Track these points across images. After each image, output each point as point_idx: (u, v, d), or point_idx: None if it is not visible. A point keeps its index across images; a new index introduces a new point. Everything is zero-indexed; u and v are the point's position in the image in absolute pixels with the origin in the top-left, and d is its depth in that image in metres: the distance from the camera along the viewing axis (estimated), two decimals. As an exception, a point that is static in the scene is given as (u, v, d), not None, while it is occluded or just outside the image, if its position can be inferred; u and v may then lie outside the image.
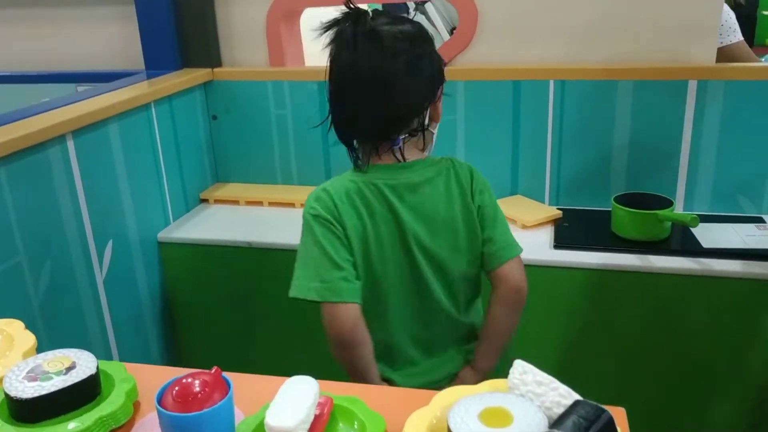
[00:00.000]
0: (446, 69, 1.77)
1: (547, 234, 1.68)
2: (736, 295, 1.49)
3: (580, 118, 1.78)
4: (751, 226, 1.64)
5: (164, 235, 1.79)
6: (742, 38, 2.20)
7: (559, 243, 1.62)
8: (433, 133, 1.16)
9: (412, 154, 1.13)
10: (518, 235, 1.64)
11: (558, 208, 1.79)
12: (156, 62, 1.97)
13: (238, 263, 1.76)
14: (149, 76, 1.92)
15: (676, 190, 1.77)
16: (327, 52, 1.10)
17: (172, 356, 1.88)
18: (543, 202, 1.86)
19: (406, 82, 1.04)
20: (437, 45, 2.65)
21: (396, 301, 1.16)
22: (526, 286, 1.18)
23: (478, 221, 1.16)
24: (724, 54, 2.16)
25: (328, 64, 1.08)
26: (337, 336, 1.10)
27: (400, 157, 1.11)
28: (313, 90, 1.91)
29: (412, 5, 3.12)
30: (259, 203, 1.96)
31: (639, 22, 1.71)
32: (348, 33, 1.04)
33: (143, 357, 1.75)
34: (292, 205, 1.92)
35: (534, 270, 1.57)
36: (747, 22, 7.52)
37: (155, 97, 1.75)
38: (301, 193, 1.94)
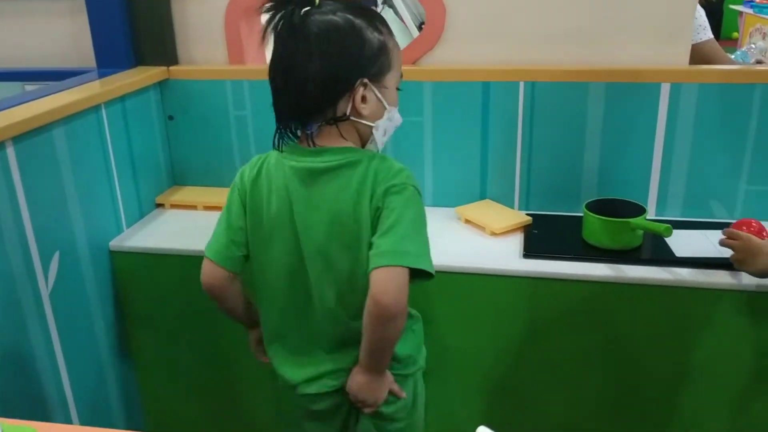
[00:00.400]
0: (413, 69, 1.74)
1: (517, 242, 1.63)
2: (709, 305, 1.45)
3: (551, 120, 1.72)
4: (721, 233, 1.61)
5: (117, 243, 1.70)
6: (712, 36, 2.18)
7: (529, 252, 1.56)
8: (368, 126, 1.12)
9: (330, 142, 1.12)
10: (487, 242, 1.63)
11: (528, 214, 1.74)
12: (108, 60, 1.87)
13: (195, 274, 1.67)
14: (101, 75, 1.82)
15: (648, 195, 1.74)
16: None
17: (130, 378, 1.79)
18: (512, 206, 1.81)
19: (313, 72, 1.06)
20: (405, 41, 2.57)
21: (272, 280, 1.19)
22: (392, 303, 1.05)
23: (371, 222, 1.09)
24: (695, 52, 2.14)
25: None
26: (203, 287, 1.24)
27: (309, 143, 1.12)
28: (274, 90, 1.83)
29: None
30: (218, 208, 1.85)
31: (612, 23, 1.66)
32: (277, 19, 1.07)
33: (96, 379, 1.67)
34: (253, 210, 1.84)
35: (503, 280, 1.54)
36: (713, 16, 7.61)
37: (106, 98, 1.65)
38: (263, 198, 1.87)
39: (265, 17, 1.09)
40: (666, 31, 1.65)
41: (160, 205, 1.90)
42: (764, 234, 1.45)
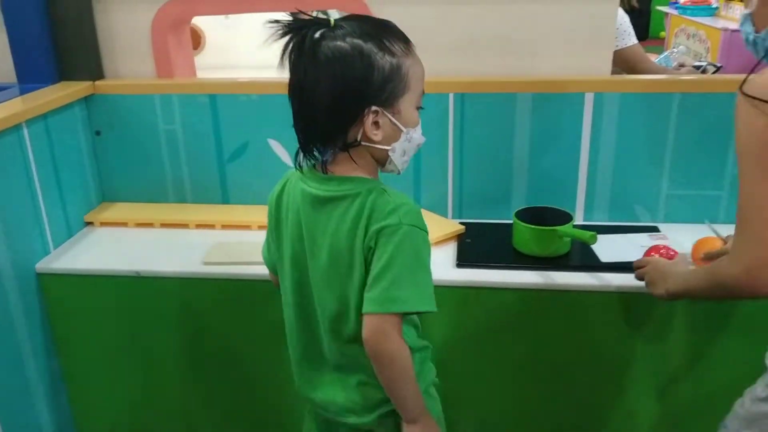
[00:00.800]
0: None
1: (450, 251, 1.65)
2: (634, 308, 1.50)
3: (480, 130, 1.76)
4: (645, 236, 1.67)
5: (43, 265, 1.65)
6: (636, 41, 2.26)
7: (462, 261, 1.59)
8: (384, 149, 1.10)
9: (341, 169, 1.11)
10: (421, 253, 1.65)
11: (461, 223, 1.77)
12: (30, 75, 1.81)
13: (128, 294, 1.64)
14: (23, 91, 1.76)
15: (575, 201, 1.79)
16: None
17: (63, 406, 1.74)
18: (446, 216, 1.83)
19: (321, 101, 1.05)
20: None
21: (286, 295, 1.22)
22: (380, 349, 1.05)
23: (363, 259, 1.08)
24: (620, 57, 2.22)
25: None
26: None
27: (322, 168, 1.12)
28: (205, 103, 1.81)
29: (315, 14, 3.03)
30: (150, 224, 1.83)
31: (537, 34, 1.70)
32: (293, 43, 1.06)
33: (27, 410, 1.62)
34: (185, 226, 1.82)
35: (438, 291, 1.55)
36: (641, 16, 7.87)
37: (27, 117, 1.60)
38: (196, 213, 1.85)
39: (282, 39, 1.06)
40: (588, 43, 1.70)
41: (89, 224, 1.85)
42: (672, 256, 1.43)
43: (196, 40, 6.24)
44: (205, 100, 1.80)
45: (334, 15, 1.14)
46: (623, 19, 2.25)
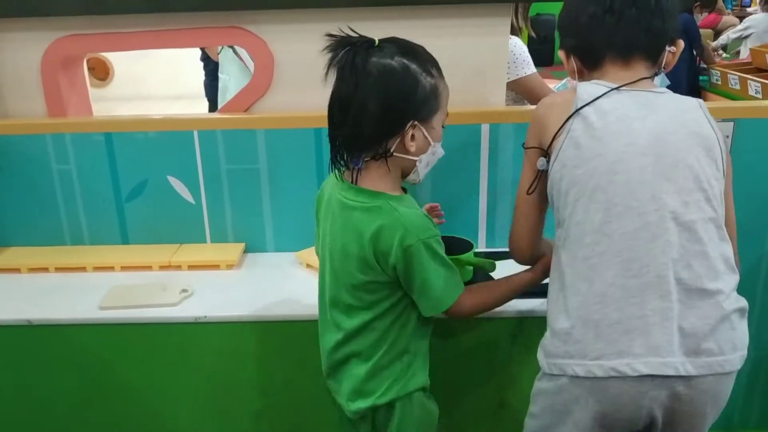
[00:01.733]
0: (245, 117, 1.74)
1: (356, 284, 1.66)
2: (532, 331, 1.54)
3: (382, 163, 1.77)
4: None
5: (-76, 318, 1.55)
6: (534, 70, 2.35)
7: (368, 294, 1.60)
8: (412, 160, 1.24)
9: (369, 180, 1.24)
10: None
11: (368, 254, 1.78)
12: None
13: (15, 346, 1.56)
14: None
15: (478, 229, 1.83)
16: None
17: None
18: (353, 247, 1.84)
19: (370, 112, 1.17)
20: (245, 80, 2.56)
21: (323, 283, 1.36)
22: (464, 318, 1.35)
23: (374, 266, 1.22)
24: (520, 85, 2.30)
25: None
26: None
27: (353, 176, 1.24)
28: (100, 141, 1.76)
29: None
30: (44, 270, 1.76)
31: (433, 67, 1.75)
32: (340, 58, 1.18)
33: None
34: (83, 269, 1.75)
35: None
36: (546, 43, 8.20)
37: None
38: (94, 255, 1.79)
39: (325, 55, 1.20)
40: (482, 75, 1.75)
41: (-22, 270, 1.76)
42: None
43: (105, 71, 6.10)
44: (100, 138, 1.75)
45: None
46: (522, 49, 2.33)
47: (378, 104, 1.16)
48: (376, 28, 1.69)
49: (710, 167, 1.18)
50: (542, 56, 7.69)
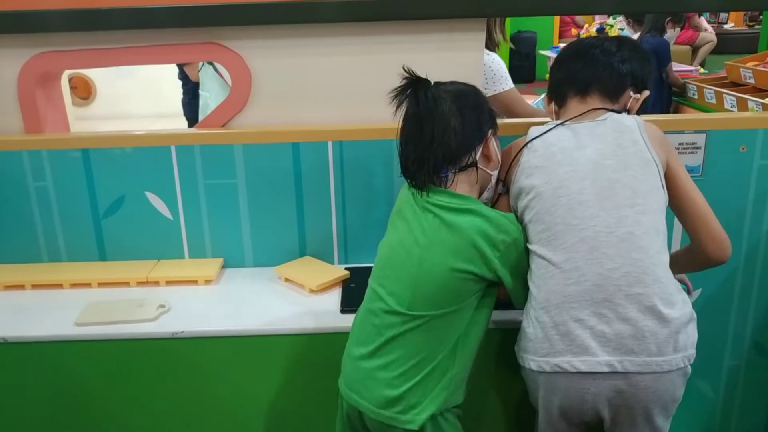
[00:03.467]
0: (223, 132, 1.75)
1: (335, 297, 1.66)
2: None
3: (360, 176, 1.79)
4: None
5: None
6: (512, 86, 2.37)
7: (346, 307, 1.60)
8: (489, 174, 1.40)
9: (461, 188, 1.36)
10: (307, 300, 1.65)
11: (346, 267, 1.79)
12: None
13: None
14: None
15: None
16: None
17: None
18: (332, 261, 1.84)
19: (454, 126, 1.32)
20: (222, 94, 2.57)
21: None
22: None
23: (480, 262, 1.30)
24: (498, 101, 2.33)
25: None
26: None
27: (446, 184, 1.35)
28: (77, 158, 1.75)
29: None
30: (21, 287, 1.74)
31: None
32: (411, 92, 1.35)
33: None
34: (59, 286, 1.74)
35: (322, 337, 1.56)
36: (527, 60, 8.32)
37: None
38: (71, 272, 1.78)
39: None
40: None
41: (-48, 289, 1.74)
42: None
43: (87, 90, 6.09)
44: (77, 154, 1.75)
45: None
46: (499, 64, 2.36)
47: (461, 118, 1.33)
48: (352, 43, 1.73)
49: (647, 182, 1.31)
50: (523, 72, 7.86)
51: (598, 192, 1.30)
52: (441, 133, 1.31)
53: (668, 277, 1.28)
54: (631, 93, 1.45)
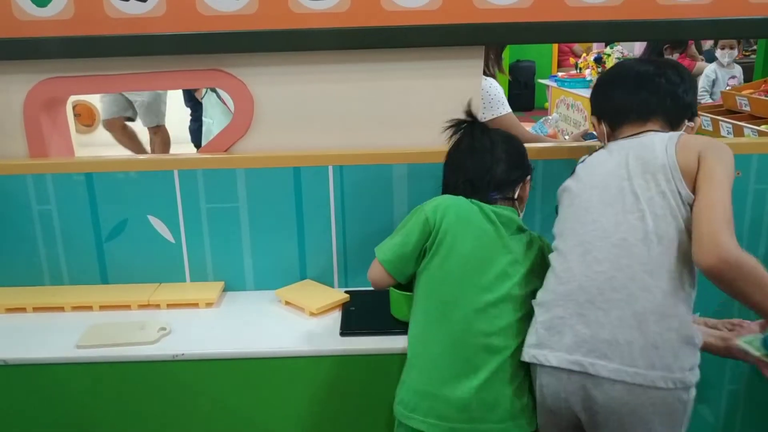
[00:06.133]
0: (226, 156, 1.77)
1: (335, 320, 1.67)
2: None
3: (360, 200, 1.81)
4: None
5: None
6: (510, 110, 2.40)
7: (346, 330, 1.61)
8: (519, 208, 1.55)
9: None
10: (307, 324, 1.66)
11: (346, 291, 1.80)
12: None
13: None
14: None
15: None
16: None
17: None
18: (332, 285, 1.86)
19: (502, 162, 1.51)
20: (224, 121, 2.60)
21: None
22: None
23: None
24: (496, 125, 2.34)
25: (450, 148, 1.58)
26: None
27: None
28: (81, 181, 1.78)
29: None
30: (22, 310, 1.75)
31: (409, 109, 1.80)
32: (468, 129, 1.57)
33: None
34: (61, 309, 1.75)
35: (322, 360, 1.56)
36: (526, 88, 8.38)
37: None
38: (72, 295, 1.79)
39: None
40: (455, 115, 1.79)
41: (-46, 312, 1.75)
42: None
43: (91, 117, 6.16)
44: (81, 178, 1.77)
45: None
46: (497, 89, 2.39)
47: (508, 158, 1.52)
48: (353, 70, 1.77)
49: (656, 188, 1.31)
50: (522, 101, 7.92)
51: (605, 199, 1.35)
52: (493, 166, 1.49)
53: (663, 288, 1.24)
54: (686, 121, 1.48)
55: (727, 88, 4.69)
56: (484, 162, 1.50)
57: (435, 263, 1.43)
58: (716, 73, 4.79)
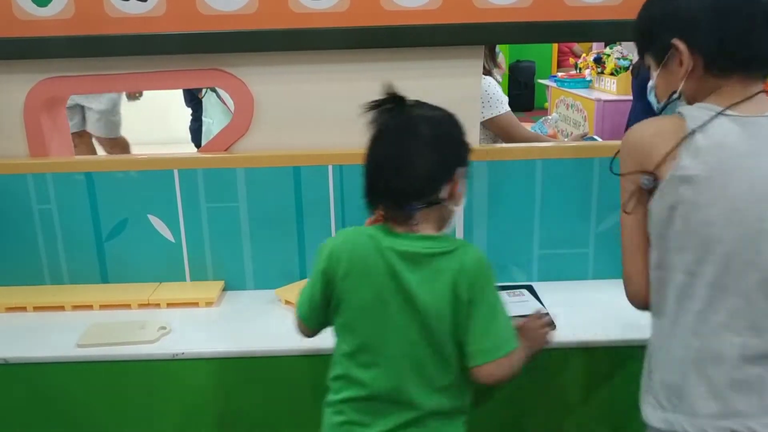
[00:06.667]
0: (226, 156, 1.77)
1: (335, 319, 1.67)
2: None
3: (360, 200, 1.78)
4: (503, 293, 1.72)
5: None
6: (508, 109, 2.41)
7: (345, 329, 1.61)
8: (451, 211, 1.22)
9: (426, 228, 1.20)
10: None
11: (346, 290, 1.80)
12: None
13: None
14: None
15: (455, 264, 1.85)
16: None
17: None
18: (332, 284, 1.86)
19: (425, 161, 1.16)
20: (224, 121, 2.60)
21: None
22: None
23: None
24: (494, 124, 2.37)
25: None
26: None
27: (406, 227, 1.19)
28: (81, 181, 1.78)
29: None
30: (22, 309, 1.75)
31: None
32: (384, 113, 1.19)
33: None
34: (61, 308, 1.75)
35: (322, 359, 1.54)
36: (526, 89, 8.38)
37: None
38: (73, 294, 1.79)
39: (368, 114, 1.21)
40: (458, 115, 1.80)
41: (-46, 311, 1.75)
42: None
43: (90, 117, 6.13)
44: (81, 177, 1.78)
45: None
46: (496, 88, 2.40)
47: (433, 153, 1.17)
48: (353, 69, 1.77)
49: None
50: (522, 101, 7.92)
51: None
52: (413, 162, 1.16)
53: None
54: None
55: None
56: (402, 158, 1.16)
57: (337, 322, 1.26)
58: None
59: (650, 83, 1.23)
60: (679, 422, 1.08)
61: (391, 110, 1.20)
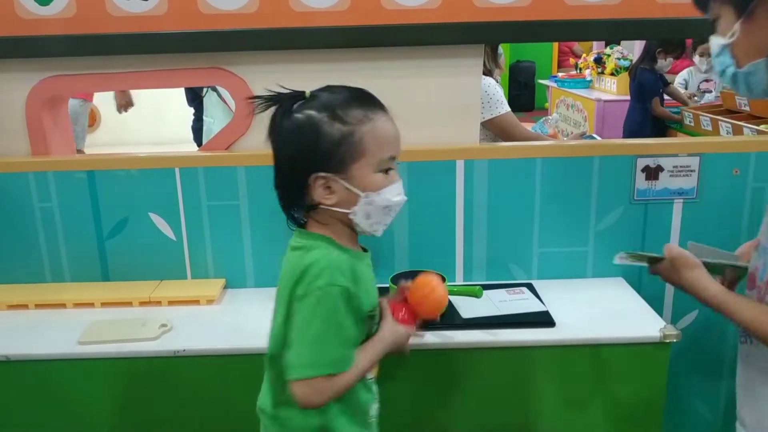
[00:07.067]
0: (226, 154, 1.78)
1: (335, 317, 1.67)
2: (484, 364, 1.57)
3: (360, 198, 1.81)
4: (503, 291, 1.76)
5: None
6: (509, 109, 2.42)
7: (346, 326, 1.61)
8: (345, 212, 1.16)
9: (311, 226, 1.21)
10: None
11: (346, 288, 1.80)
12: None
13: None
14: None
15: (455, 262, 1.86)
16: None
17: None
18: (332, 282, 1.86)
19: (278, 168, 1.18)
20: (225, 120, 2.60)
21: None
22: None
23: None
24: (495, 125, 2.37)
25: None
26: None
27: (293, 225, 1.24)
28: (82, 179, 1.79)
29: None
30: (24, 306, 1.76)
31: (409, 107, 1.80)
32: (275, 113, 1.17)
33: None
34: (62, 306, 1.75)
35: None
36: (526, 89, 8.39)
37: None
38: (74, 292, 1.80)
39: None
40: (456, 113, 1.81)
41: (-44, 308, 1.76)
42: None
43: (92, 118, 6.18)
44: (83, 176, 1.78)
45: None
46: (496, 89, 2.41)
47: (283, 159, 1.16)
48: (352, 69, 1.77)
49: None
50: (523, 101, 7.94)
51: None
52: (275, 171, 1.19)
53: None
54: None
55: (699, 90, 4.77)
56: (275, 171, 1.19)
57: None
58: (689, 75, 4.92)
59: (718, 41, 0.98)
60: None
61: (279, 112, 1.17)
